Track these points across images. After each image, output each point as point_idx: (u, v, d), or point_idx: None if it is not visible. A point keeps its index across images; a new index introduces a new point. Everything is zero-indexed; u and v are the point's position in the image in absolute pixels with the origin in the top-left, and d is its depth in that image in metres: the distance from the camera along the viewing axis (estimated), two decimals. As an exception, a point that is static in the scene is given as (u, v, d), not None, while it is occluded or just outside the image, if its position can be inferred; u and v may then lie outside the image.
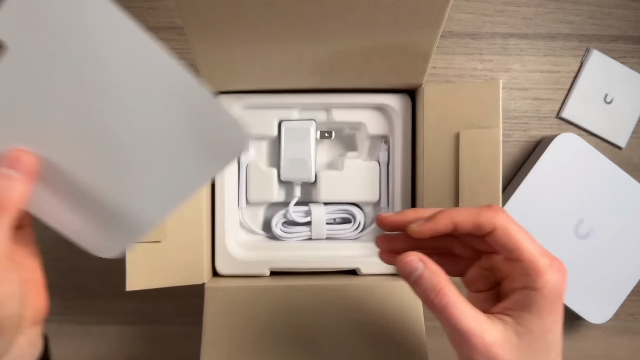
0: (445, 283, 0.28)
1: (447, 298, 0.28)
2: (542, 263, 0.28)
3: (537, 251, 0.29)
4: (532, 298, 0.28)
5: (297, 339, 0.41)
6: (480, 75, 0.55)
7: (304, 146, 0.45)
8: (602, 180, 0.52)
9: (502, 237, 0.29)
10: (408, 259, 0.29)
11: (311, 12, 0.33)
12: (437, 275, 0.29)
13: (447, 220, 0.30)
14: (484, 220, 0.29)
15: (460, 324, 0.27)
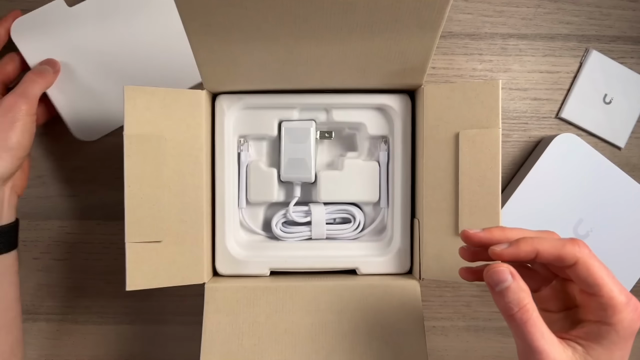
0: (530, 300, 0.29)
1: (528, 315, 0.29)
2: (620, 300, 0.29)
3: (616, 288, 0.29)
4: (605, 332, 0.29)
5: (297, 339, 0.42)
6: (479, 76, 0.55)
7: (304, 146, 0.46)
8: (601, 180, 0.52)
9: (583, 272, 0.29)
10: (499, 269, 0.30)
11: (311, 12, 0.33)
12: (523, 291, 0.29)
13: (529, 248, 0.30)
14: (567, 254, 0.30)
15: (536, 343, 0.28)
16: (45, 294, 0.54)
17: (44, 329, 0.54)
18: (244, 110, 0.45)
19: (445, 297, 0.56)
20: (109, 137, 0.54)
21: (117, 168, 0.53)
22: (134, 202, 0.40)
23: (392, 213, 0.46)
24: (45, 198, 0.54)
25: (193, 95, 0.42)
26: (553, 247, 0.30)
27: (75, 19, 0.51)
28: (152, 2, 0.52)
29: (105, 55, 0.51)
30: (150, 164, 0.41)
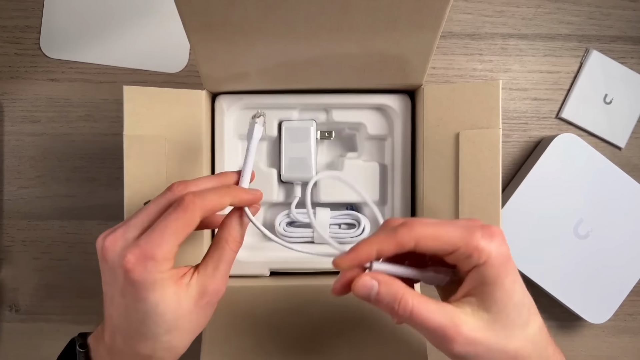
0: (404, 290, 0.29)
1: (410, 303, 0.28)
2: (475, 242, 0.28)
3: (462, 233, 0.29)
4: (483, 272, 0.28)
5: (297, 339, 0.41)
6: (480, 76, 0.55)
7: (304, 146, 0.45)
8: (601, 180, 0.52)
9: (426, 246, 0.29)
10: (361, 281, 0.29)
11: (311, 12, 0.33)
12: (392, 285, 0.29)
13: (368, 251, 0.29)
14: (403, 241, 0.29)
15: (431, 322, 0.28)
16: (45, 294, 0.54)
17: (44, 329, 0.54)
18: (244, 110, 0.45)
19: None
20: (109, 137, 0.54)
21: (117, 168, 0.54)
22: (133, 202, 0.40)
23: (392, 213, 0.46)
24: (45, 198, 0.54)
25: (193, 95, 0.42)
26: (390, 240, 0.29)
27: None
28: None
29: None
30: (150, 164, 0.40)
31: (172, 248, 0.29)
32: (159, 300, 0.29)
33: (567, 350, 0.55)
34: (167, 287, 0.30)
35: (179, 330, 0.31)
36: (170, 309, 0.30)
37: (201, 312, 0.32)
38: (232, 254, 0.33)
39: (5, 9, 0.54)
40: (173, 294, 0.30)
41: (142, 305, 0.29)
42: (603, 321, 0.53)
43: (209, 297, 0.32)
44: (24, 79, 0.54)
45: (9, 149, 0.54)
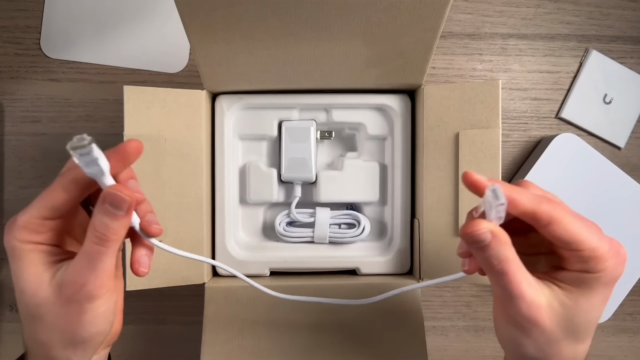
0: (510, 251, 0.28)
1: (508, 265, 0.28)
2: (603, 250, 0.28)
3: (595, 238, 0.28)
4: (588, 280, 0.28)
5: (297, 339, 0.42)
6: (479, 76, 0.55)
7: (304, 146, 0.45)
8: (601, 180, 0.52)
9: (559, 232, 0.28)
10: (478, 231, 0.28)
11: (311, 12, 0.33)
12: (503, 244, 0.28)
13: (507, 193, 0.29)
14: (542, 214, 0.28)
15: (516, 288, 0.28)
16: (45, 294, 0.54)
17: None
18: (244, 110, 0.45)
19: (445, 297, 0.56)
20: (109, 137, 0.54)
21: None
22: (134, 202, 0.40)
23: (392, 213, 0.46)
24: (46, 198, 0.54)
25: (193, 95, 0.42)
26: (530, 203, 0.29)
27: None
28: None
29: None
30: (150, 164, 0.41)
31: (31, 217, 0.27)
32: (17, 273, 0.28)
33: (567, 350, 0.56)
34: (27, 261, 0.28)
35: (43, 322, 0.28)
36: (29, 289, 0.27)
37: (65, 307, 0.27)
38: (94, 247, 0.27)
39: (5, 9, 0.54)
40: (33, 272, 0.27)
41: (12, 275, 0.28)
42: (603, 321, 0.53)
43: (68, 290, 0.27)
44: (25, 79, 0.54)
45: (9, 149, 0.54)
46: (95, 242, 0.27)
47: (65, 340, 0.28)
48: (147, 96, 0.40)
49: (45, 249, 0.28)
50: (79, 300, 0.27)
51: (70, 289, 0.27)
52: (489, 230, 0.28)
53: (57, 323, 0.28)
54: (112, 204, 0.27)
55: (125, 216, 0.27)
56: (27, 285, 0.28)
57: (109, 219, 0.27)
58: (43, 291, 0.27)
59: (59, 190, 0.28)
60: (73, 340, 0.28)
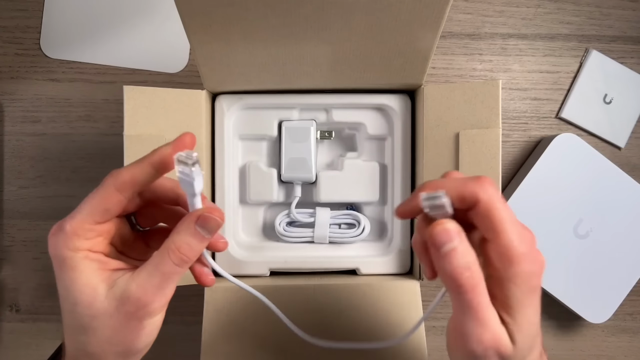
0: (477, 264, 0.25)
1: (476, 280, 0.25)
2: (518, 251, 0.25)
3: (516, 237, 0.26)
4: (507, 290, 0.26)
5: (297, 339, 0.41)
6: (479, 76, 0.55)
7: (304, 146, 0.45)
8: (601, 180, 0.52)
9: (482, 213, 0.26)
10: (445, 227, 0.25)
11: (311, 12, 0.33)
12: (471, 254, 0.25)
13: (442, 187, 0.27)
14: (468, 192, 0.26)
15: (482, 312, 0.25)
16: (45, 294, 0.54)
17: (44, 329, 0.54)
18: (244, 110, 0.45)
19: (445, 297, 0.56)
20: (109, 137, 0.54)
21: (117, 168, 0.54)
22: (134, 202, 0.40)
23: (392, 213, 0.46)
24: (45, 198, 0.54)
25: (193, 95, 0.42)
26: (455, 186, 0.26)
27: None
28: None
29: None
30: (150, 164, 0.40)
31: (83, 222, 0.26)
32: (69, 283, 0.26)
33: (566, 350, 0.56)
34: (80, 270, 0.26)
35: (96, 334, 0.26)
36: (84, 300, 0.26)
37: (124, 322, 0.26)
38: (173, 268, 0.27)
39: (5, 9, 0.54)
40: (87, 282, 0.26)
41: (59, 285, 0.26)
42: (603, 321, 0.53)
43: (131, 307, 0.26)
44: (24, 79, 0.54)
45: (9, 149, 0.54)
46: (176, 263, 0.26)
47: (120, 353, 0.27)
48: (147, 96, 0.40)
49: (97, 257, 0.27)
50: (141, 317, 0.27)
51: (134, 306, 0.26)
52: (457, 231, 0.25)
53: (113, 336, 0.27)
54: (204, 227, 0.27)
55: (211, 238, 0.27)
56: (82, 297, 0.26)
57: (197, 241, 0.26)
58: (99, 303, 0.26)
59: (112, 190, 0.27)
60: (128, 352, 0.28)
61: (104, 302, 0.26)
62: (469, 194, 0.26)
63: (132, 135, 0.40)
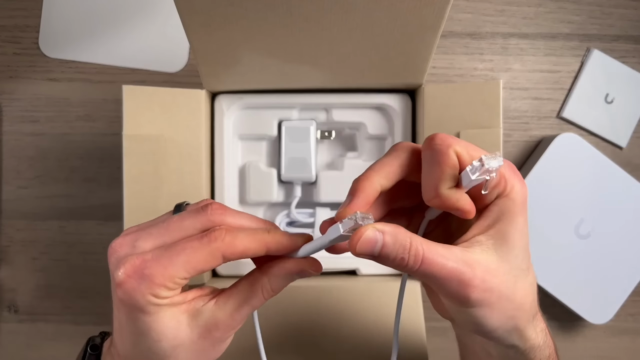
0: (411, 236, 0.24)
1: (420, 250, 0.24)
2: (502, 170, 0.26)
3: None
4: (504, 205, 0.26)
5: (297, 339, 0.41)
6: (480, 75, 0.55)
7: (304, 146, 0.45)
8: (602, 180, 0.52)
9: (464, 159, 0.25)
10: (363, 238, 0.24)
11: (311, 12, 0.33)
12: (399, 234, 0.24)
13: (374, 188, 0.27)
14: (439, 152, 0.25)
15: (444, 268, 0.24)
16: (44, 295, 0.53)
17: (43, 330, 0.53)
18: (244, 110, 0.45)
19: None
20: (108, 137, 0.53)
21: (117, 168, 0.53)
22: (133, 202, 0.40)
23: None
24: (45, 198, 0.54)
25: (193, 95, 0.41)
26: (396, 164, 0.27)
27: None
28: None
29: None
30: (149, 164, 0.40)
31: (177, 276, 0.25)
32: (149, 326, 0.25)
33: (567, 351, 0.55)
34: (163, 315, 0.25)
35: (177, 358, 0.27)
36: (167, 336, 0.26)
37: (208, 346, 0.27)
38: (262, 302, 0.28)
39: (4, 8, 0.53)
40: (171, 319, 0.25)
41: (133, 325, 0.26)
42: (604, 321, 0.53)
43: (218, 333, 0.27)
44: (23, 79, 0.54)
45: (7, 149, 0.54)
46: (266, 297, 0.28)
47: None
48: (146, 96, 0.40)
49: (178, 300, 0.26)
50: (226, 339, 0.28)
51: (222, 332, 0.27)
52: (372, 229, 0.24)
53: (193, 357, 0.27)
54: (301, 275, 0.28)
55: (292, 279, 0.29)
56: (166, 333, 0.26)
57: (287, 283, 0.29)
58: (183, 333, 0.26)
59: (218, 257, 0.26)
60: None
61: (187, 331, 0.26)
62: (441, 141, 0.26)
63: (132, 135, 0.40)
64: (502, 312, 0.26)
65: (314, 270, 0.28)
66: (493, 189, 0.26)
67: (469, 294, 0.24)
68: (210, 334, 0.26)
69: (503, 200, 0.26)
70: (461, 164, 0.25)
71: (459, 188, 0.25)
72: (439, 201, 0.25)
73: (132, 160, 0.40)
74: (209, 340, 0.27)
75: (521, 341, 0.27)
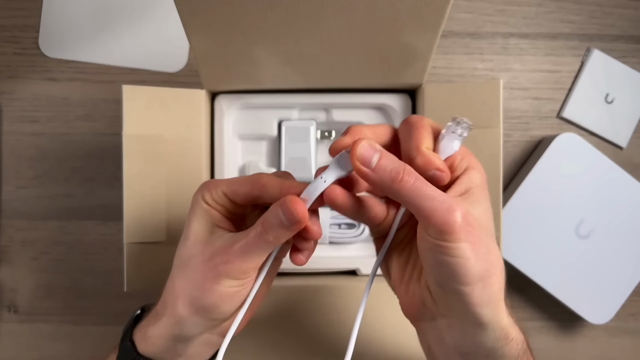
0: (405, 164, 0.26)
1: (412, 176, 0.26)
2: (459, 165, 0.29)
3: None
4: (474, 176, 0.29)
5: (297, 339, 0.41)
6: (480, 75, 0.55)
7: (304, 146, 0.45)
8: (603, 180, 0.52)
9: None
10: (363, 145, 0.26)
11: (311, 12, 0.33)
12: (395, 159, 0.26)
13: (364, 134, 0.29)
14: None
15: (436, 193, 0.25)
16: (44, 295, 0.53)
17: (42, 330, 0.53)
18: (244, 109, 0.45)
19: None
20: (108, 136, 0.53)
21: (116, 168, 0.53)
22: (132, 202, 0.40)
23: (392, 213, 0.46)
24: (45, 198, 0.54)
25: (192, 94, 0.41)
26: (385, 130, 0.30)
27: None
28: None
29: None
30: (149, 164, 0.40)
31: (219, 188, 0.30)
32: (189, 222, 0.30)
33: (567, 351, 0.55)
34: (200, 216, 0.30)
35: (187, 272, 0.30)
36: (192, 237, 0.30)
37: (207, 271, 0.29)
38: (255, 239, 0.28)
39: (4, 8, 0.53)
40: (200, 226, 0.30)
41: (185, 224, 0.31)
42: (604, 322, 0.53)
43: (216, 258, 0.29)
44: (23, 79, 0.54)
45: (7, 149, 0.54)
46: (256, 233, 0.28)
47: (191, 298, 0.29)
48: (146, 96, 0.40)
49: (215, 215, 0.30)
50: (219, 272, 0.29)
51: (219, 258, 0.29)
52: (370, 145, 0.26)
53: (195, 278, 0.29)
54: (285, 214, 0.28)
55: (288, 229, 0.28)
56: (192, 235, 0.30)
57: (278, 225, 0.28)
58: (199, 244, 0.30)
59: (247, 184, 0.30)
60: (196, 301, 0.29)
61: (201, 245, 0.30)
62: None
63: (131, 134, 0.40)
64: (481, 259, 0.25)
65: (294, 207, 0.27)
66: (462, 160, 0.29)
67: (454, 222, 0.25)
68: (214, 259, 0.29)
69: (473, 172, 0.28)
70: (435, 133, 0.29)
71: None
72: (421, 159, 0.27)
73: (132, 160, 0.40)
74: (209, 267, 0.29)
75: (495, 315, 0.26)
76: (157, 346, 0.31)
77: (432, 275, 0.27)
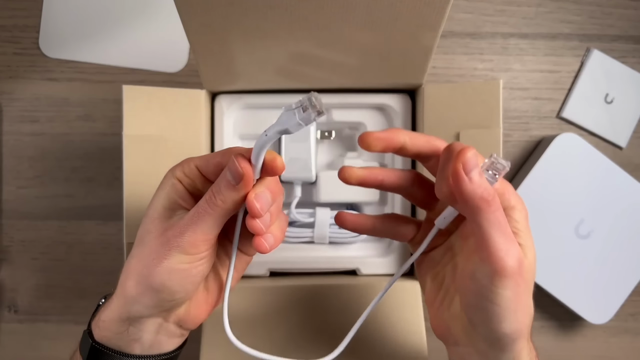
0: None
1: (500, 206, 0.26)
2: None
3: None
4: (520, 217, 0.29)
5: (297, 339, 0.41)
6: (480, 75, 0.55)
7: (304, 146, 0.45)
8: (602, 180, 0.52)
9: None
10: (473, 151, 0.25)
11: (311, 11, 0.33)
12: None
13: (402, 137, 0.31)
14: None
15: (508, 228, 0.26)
16: (44, 295, 0.53)
17: (42, 330, 0.53)
18: (244, 110, 0.45)
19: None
20: (108, 137, 0.53)
21: (117, 168, 0.53)
22: (133, 202, 0.40)
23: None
24: (45, 198, 0.54)
25: (193, 95, 0.41)
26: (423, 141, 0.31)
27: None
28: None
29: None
30: (149, 164, 0.40)
31: (194, 163, 0.30)
32: (154, 197, 0.30)
33: (567, 351, 0.55)
34: (164, 190, 0.30)
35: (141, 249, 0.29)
36: (151, 213, 0.30)
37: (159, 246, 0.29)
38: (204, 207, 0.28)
39: (4, 8, 0.53)
40: (165, 202, 0.30)
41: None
42: (604, 321, 0.53)
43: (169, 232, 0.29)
44: (23, 79, 0.54)
45: (7, 149, 0.54)
46: (205, 200, 0.28)
47: (140, 276, 0.29)
48: (146, 96, 0.40)
49: (180, 189, 0.30)
50: (171, 246, 0.28)
51: (170, 232, 0.29)
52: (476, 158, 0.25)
53: (147, 254, 0.29)
54: (229, 170, 0.28)
55: (235, 189, 0.28)
56: (151, 211, 0.30)
57: (225, 185, 0.28)
58: (157, 220, 0.30)
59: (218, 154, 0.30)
60: (144, 280, 0.29)
61: (158, 222, 0.29)
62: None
63: (132, 135, 0.40)
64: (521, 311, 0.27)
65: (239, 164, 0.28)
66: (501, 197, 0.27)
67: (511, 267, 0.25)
68: (166, 232, 0.29)
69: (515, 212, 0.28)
70: None
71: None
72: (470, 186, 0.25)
73: (132, 160, 0.40)
74: (161, 242, 0.29)
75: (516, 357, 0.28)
76: (110, 330, 0.31)
77: (468, 312, 0.28)
